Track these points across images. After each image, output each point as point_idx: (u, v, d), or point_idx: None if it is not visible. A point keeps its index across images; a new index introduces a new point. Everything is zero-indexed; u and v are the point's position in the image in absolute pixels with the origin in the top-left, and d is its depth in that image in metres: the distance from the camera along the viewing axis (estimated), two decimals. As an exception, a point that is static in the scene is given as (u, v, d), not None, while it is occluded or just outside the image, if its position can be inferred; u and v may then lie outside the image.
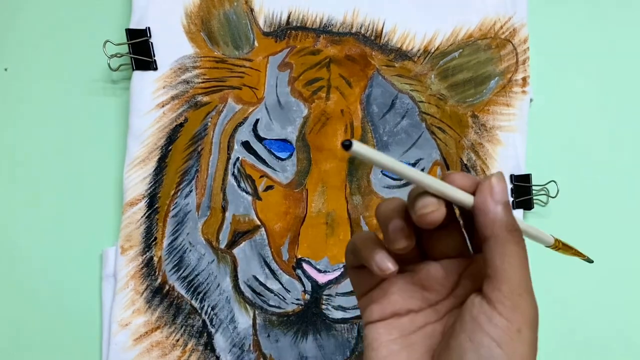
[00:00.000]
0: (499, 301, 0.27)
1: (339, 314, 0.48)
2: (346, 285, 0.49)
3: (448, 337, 0.29)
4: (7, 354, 0.49)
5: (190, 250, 0.49)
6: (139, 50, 0.50)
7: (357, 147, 0.24)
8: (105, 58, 0.50)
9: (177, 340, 0.48)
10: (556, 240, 0.34)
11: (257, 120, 0.50)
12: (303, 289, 0.48)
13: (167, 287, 0.48)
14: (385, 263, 0.30)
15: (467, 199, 0.29)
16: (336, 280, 0.48)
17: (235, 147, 0.50)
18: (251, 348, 0.48)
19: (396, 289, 0.31)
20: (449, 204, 0.29)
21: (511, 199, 0.51)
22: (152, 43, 0.50)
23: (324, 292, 0.48)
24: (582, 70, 0.56)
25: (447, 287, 0.31)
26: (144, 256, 0.48)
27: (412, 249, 0.31)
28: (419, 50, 0.53)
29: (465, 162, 0.51)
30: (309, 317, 0.48)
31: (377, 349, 0.30)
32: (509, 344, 0.27)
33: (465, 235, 0.32)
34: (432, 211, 0.28)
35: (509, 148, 0.52)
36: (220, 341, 0.48)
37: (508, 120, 0.52)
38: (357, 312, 0.49)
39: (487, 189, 0.29)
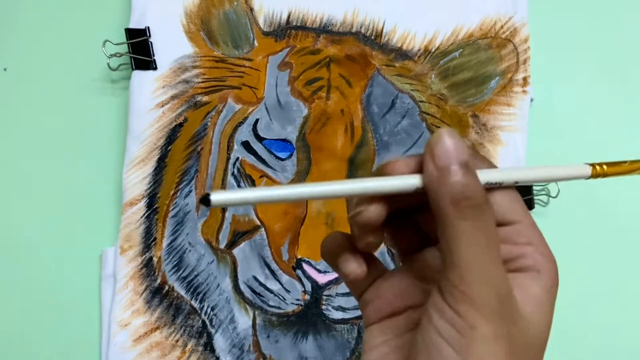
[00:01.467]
0: (447, 291, 0.22)
1: (339, 315, 0.48)
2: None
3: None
4: (7, 353, 0.49)
5: (190, 251, 0.49)
6: (139, 49, 0.50)
7: (217, 197, 0.20)
8: (104, 58, 0.50)
9: (177, 341, 0.48)
10: (594, 166, 0.26)
11: (257, 120, 0.50)
12: (303, 289, 0.48)
13: (166, 288, 0.48)
14: (348, 266, 0.25)
15: (413, 181, 0.22)
16: (336, 281, 0.48)
17: (235, 147, 0.50)
18: (251, 348, 0.48)
19: (390, 284, 0.27)
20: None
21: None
22: (151, 42, 0.50)
23: (324, 293, 0.48)
24: (583, 70, 0.55)
25: None
26: (144, 256, 0.48)
27: (411, 237, 0.27)
28: (419, 50, 0.52)
29: (466, 162, 0.51)
30: (309, 318, 0.48)
31: (367, 351, 0.27)
32: (460, 342, 0.21)
33: None
34: (359, 212, 0.23)
35: (510, 148, 0.52)
36: (220, 342, 0.48)
37: (509, 120, 0.52)
38: (358, 313, 0.48)
39: (428, 153, 0.22)
